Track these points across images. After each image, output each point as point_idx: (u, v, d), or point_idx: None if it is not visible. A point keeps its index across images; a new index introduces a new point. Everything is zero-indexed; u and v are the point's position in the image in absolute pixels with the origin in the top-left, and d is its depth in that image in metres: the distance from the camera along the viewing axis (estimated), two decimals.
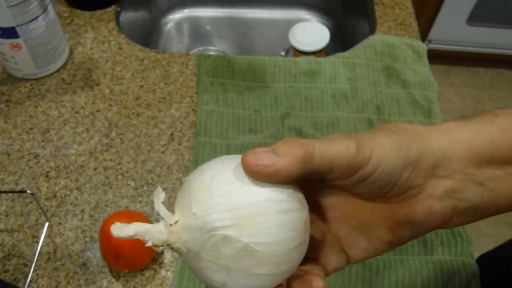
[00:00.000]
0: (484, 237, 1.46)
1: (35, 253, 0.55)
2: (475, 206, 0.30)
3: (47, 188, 0.61)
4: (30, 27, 0.64)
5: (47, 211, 0.59)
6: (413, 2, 0.84)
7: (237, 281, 0.27)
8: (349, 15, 0.95)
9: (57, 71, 0.72)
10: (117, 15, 0.82)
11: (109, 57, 0.74)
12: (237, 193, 0.26)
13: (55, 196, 0.60)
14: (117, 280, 0.54)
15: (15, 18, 0.62)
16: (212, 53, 0.91)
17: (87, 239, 0.57)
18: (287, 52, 0.96)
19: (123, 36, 0.77)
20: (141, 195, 0.60)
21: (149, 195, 0.60)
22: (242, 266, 0.26)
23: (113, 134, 0.66)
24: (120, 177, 0.62)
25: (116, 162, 0.63)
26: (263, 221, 0.26)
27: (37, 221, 0.58)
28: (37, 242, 0.56)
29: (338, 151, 0.27)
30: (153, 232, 0.27)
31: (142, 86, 0.71)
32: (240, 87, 0.70)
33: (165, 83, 0.71)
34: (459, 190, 0.29)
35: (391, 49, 0.76)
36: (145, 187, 0.61)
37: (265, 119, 0.68)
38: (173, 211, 0.28)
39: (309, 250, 0.30)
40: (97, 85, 0.71)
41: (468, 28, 1.66)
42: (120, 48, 0.75)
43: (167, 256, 0.56)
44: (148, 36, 0.94)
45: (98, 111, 0.68)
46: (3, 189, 0.60)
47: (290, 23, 0.99)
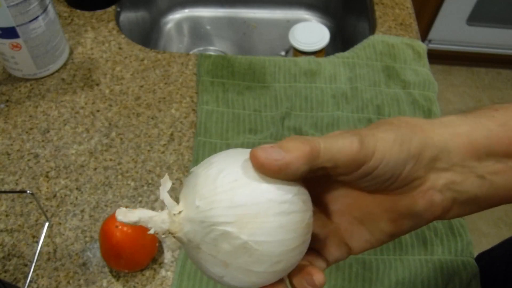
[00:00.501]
0: (484, 237, 1.46)
1: (35, 253, 0.55)
2: (474, 197, 0.30)
3: (47, 188, 0.61)
4: (30, 27, 0.64)
5: (47, 211, 0.59)
6: (413, 2, 0.84)
7: (233, 276, 0.27)
8: (349, 15, 0.95)
9: (57, 71, 0.72)
10: (117, 15, 0.82)
11: (109, 57, 0.74)
12: (241, 191, 0.27)
13: (55, 196, 0.60)
14: (117, 280, 0.54)
15: (15, 18, 0.62)
16: (212, 53, 0.91)
17: (87, 239, 0.57)
18: (287, 52, 0.96)
19: (123, 36, 0.77)
20: (141, 195, 0.60)
21: (149, 195, 0.60)
22: (239, 262, 0.27)
23: (113, 134, 0.66)
24: (120, 177, 0.62)
25: (116, 162, 0.63)
26: (264, 221, 0.26)
27: (37, 221, 0.58)
28: (37, 242, 0.56)
29: (342, 146, 0.27)
30: (156, 220, 0.28)
31: (142, 86, 0.71)
32: (240, 87, 0.70)
33: (165, 83, 0.71)
34: (459, 182, 0.30)
35: (391, 49, 0.76)
36: (145, 187, 0.61)
37: (265, 119, 0.68)
38: (178, 200, 0.29)
39: (312, 241, 0.30)
40: (97, 85, 0.71)
41: (468, 28, 1.66)
42: (120, 48, 0.75)
43: (167, 256, 0.56)
44: (148, 36, 0.94)
45: (98, 111, 0.68)
46: (3, 189, 0.60)
47: (290, 23, 0.99)
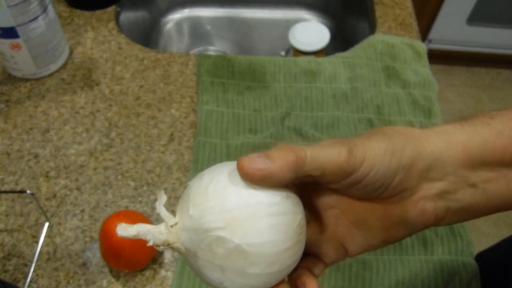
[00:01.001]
0: (484, 237, 1.46)
1: (35, 253, 0.55)
2: (468, 206, 0.30)
3: (47, 188, 0.61)
4: (30, 27, 0.64)
5: (47, 211, 0.59)
6: (413, 2, 0.84)
7: (232, 280, 0.28)
8: (349, 15, 0.95)
9: (57, 71, 0.72)
10: (117, 15, 0.82)
11: (109, 57, 0.74)
12: (230, 196, 0.28)
13: (55, 196, 0.60)
14: (117, 280, 0.54)
15: (15, 18, 0.62)
16: (212, 53, 0.91)
17: (87, 239, 0.57)
18: (287, 52, 0.96)
19: (123, 36, 0.77)
20: (141, 195, 0.60)
21: (149, 195, 0.60)
22: (235, 265, 0.28)
23: (113, 134, 0.66)
24: (120, 177, 0.62)
25: (116, 162, 0.63)
26: (254, 223, 0.27)
27: (37, 221, 0.58)
28: (37, 242, 0.56)
29: (329, 156, 0.28)
30: (154, 232, 0.29)
31: (142, 86, 0.71)
32: (240, 87, 0.70)
33: (165, 83, 0.71)
34: (452, 191, 0.30)
35: (391, 49, 0.76)
36: (145, 187, 0.61)
37: (265, 119, 0.68)
38: (175, 213, 0.30)
39: (309, 246, 0.31)
40: (97, 85, 0.71)
41: (468, 28, 1.66)
42: (120, 48, 0.75)
43: (167, 256, 0.56)
44: (148, 36, 0.94)
45: (98, 111, 0.68)
46: (3, 189, 0.60)
47: (290, 23, 0.98)
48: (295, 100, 0.70)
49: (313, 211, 0.33)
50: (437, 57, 1.71)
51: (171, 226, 0.29)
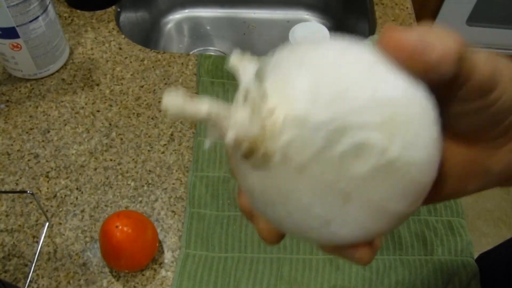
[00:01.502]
0: (484, 237, 1.46)
1: (35, 253, 0.56)
2: None
3: (47, 188, 0.61)
4: (30, 27, 0.64)
5: (47, 211, 0.59)
6: (413, 2, 0.84)
7: (351, 219, 0.18)
8: (349, 15, 0.95)
9: (57, 71, 0.72)
10: (117, 16, 0.82)
11: (109, 57, 0.74)
12: (386, 80, 0.17)
13: (55, 196, 0.60)
14: (117, 280, 0.54)
15: (15, 18, 0.62)
16: (212, 53, 0.91)
17: (87, 239, 0.57)
18: None
19: (123, 36, 0.77)
20: (141, 195, 0.60)
21: (149, 195, 0.61)
22: (374, 194, 0.18)
23: (113, 134, 0.66)
24: (120, 177, 0.62)
25: (116, 162, 0.63)
26: (420, 129, 0.18)
27: (37, 221, 0.58)
28: (37, 242, 0.56)
29: (479, 58, 0.21)
30: (236, 118, 0.17)
31: (142, 86, 0.71)
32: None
33: (165, 83, 0.71)
34: None
35: None
36: (145, 187, 0.61)
37: None
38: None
39: None
40: (97, 85, 0.71)
41: (468, 28, 1.66)
42: (120, 48, 0.75)
43: (167, 256, 0.56)
44: (148, 36, 0.95)
45: (98, 111, 0.68)
46: (3, 189, 0.60)
47: (290, 23, 0.99)
48: None
49: None
50: None
51: (267, 110, 0.17)
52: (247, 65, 0.19)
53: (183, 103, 0.17)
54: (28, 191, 0.57)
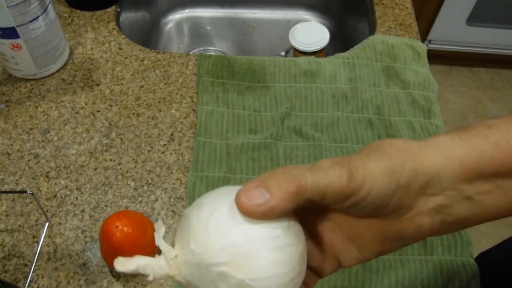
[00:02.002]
0: (484, 237, 1.46)
1: (35, 253, 0.56)
2: (463, 218, 0.31)
3: (47, 188, 0.61)
4: (30, 27, 0.64)
5: (47, 211, 0.59)
6: (413, 2, 0.84)
7: None
8: (349, 15, 0.95)
9: (57, 71, 0.72)
10: (117, 16, 0.82)
11: (109, 58, 0.74)
12: (233, 231, 0.27)
13: (55, 196, 0.60)
14: (117, 280, 0.54)
15: (15, 18, 0.62)
16: (212, 54, 0.91)
17: (87, 239, 0.57)
18: (287, 52, 0.96)
19: (123, 36, 0.77)
20: (141, 195, 0.60)
21: (149, 195, 0.61)
22: None
23: (113, 134, 0.66)
24: (120, 177, 0.62)
25: (116, 162, 0.63)
26: (258, 258, 0.27)
27: (37, 221, 0.58)
28: (37, 242, 0.56)
29: (331, 181, 0.27)
30: (154, 266, 0.29)
31: (142, 86, 0.71)
32: (240, 87, 0.70)
33: (165, 83, 0.71)
34: (448, 205, 0.30)
35: (391, 50, 0.76)
36: (145, 187, 0.61)
37: (265, 119, 0.68)
38: (173, 244, 0.30)
39: (307, 260, 0.31)
40: (97, 85, 0.71)
41: (468, 28, 1.66)
42: (120, 48, 0.75)
43: None
44: (148, 36, 0.95)
45: (98, 111, 0.68)
46: (3, 189, 0.60)
47: (290, 23, 0.99)
48: (295, 100, 0.70)
49: (308, 224, 0.33)
50: (436, 58, 1.72)
51: (171, 259, 0.29)
52: (159, 230, 0.29)
53: (124, 262, 0.29)
54: (28, 191, 0.57)
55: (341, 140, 0.66)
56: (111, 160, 0.63)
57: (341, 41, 0.96)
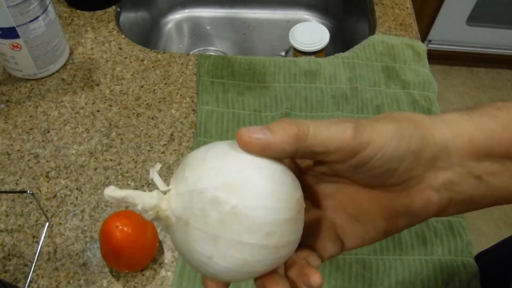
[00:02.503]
0: (484, 237, 1.46)
1: (35, 253, 0.56)
2: (470, 198, 0.30)
3: (47, 188, 0.61)
4: (30, 27, 0.64)
5: (47, 211, 0.59)
6: (413, 2, 0.84)
7: (224, 253, 0.26)
8: (349, 15, 0.95)
9: (57, 71, 0.72)
10: (117, 16, 0.82)
11: (109, 58, 0.74)
12: (230, 161, 0.27)
13: (55, 196, 0.60)
14: (117, 280, 0.54)
15: (15, 18, 0.62)
16: (212, 54, 0.91)
17: (87, 239, 0.57)
18: (287, 52, 0.96)
19: (123, 36, 0.77)
20: None
21: None
22: (229, 233, 0.25)
23: (113, 134, 0.66)
24: (120, 177, 0.62)
25: (116, 162, 0.63)
26: (254, 185, 0.26)
27: (37, 221, 0.58)
28: (37, 242, 0.56)
29: (334, 132, 0.27)
30: (144, 196, 0.27)
31: (142, 86, 0.71)
32: (240, 87, 0.70)
33: (165, 83, 0.71)
34: (457, 182, 0.29)
35: (391, 50, 0.76)
36: (145, 187, 0.61)
37: (265, 119, 0.68)
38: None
39: (306, 237, 0.30)
40: (97, 85, 0.71)
41: (468, 28, 1.66)
42: (120, 48, 0.75)
43: (167, 256, 0.56)
44: (148, 36, 0.95)
45: (98, 111, 0.68)
46: (3, 189, 0.60)
47: (290, 23, 0.99)
48: (295, 100, 0.70)
49: (312, 200, 0.32)
50: (436, 58, 1.71)
51: (164, 193, 0.27)
52: (155, 166, 0.28)
53: (114, 189, 0.27)
54: (28, 191, 0.57)
55: None
56: (111, 160, 0.63)
57: (341, 41, 0.96)
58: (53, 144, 0.64)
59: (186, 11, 1.01)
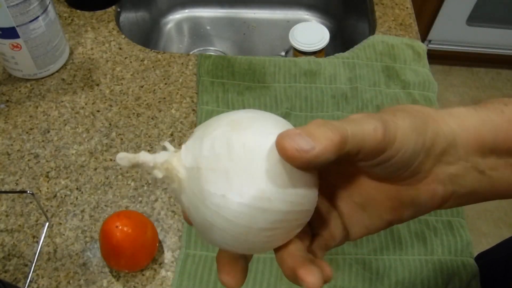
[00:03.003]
0: (484, 237, 1.46)
1: (35, 253, 0.56)
2: (472, 191, 0.30)
3: (47, 188, 0.61)
4: (30, 27, 0.64)
5: (47, 211, 0.59)
6: (413, 2, 0.84)
7: (238, 189, 0.25)
8: (349, 15, 0.95)
9: (57, 71, 0.72)
10: (117, 16, 0.82)
11: (109, 58, 0.74)
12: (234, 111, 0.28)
13: (55, 196, 0.60)
14: (117, 280, 0.54)
15: (15, 18, 0.62)
16: (212, 54, 0.91)
17: (87, 239, 0.57)
18: (287, 52, 0.96)
19: (123, 36, 0.77)
20: (141, 195, 0.60)
21: (149, 195, 0.61)
22: (240, 166, 0.25)
23: (113, 134, 0.66)
24: (120, 177, 0.62)
25: (116, 162, 0.63)
26: (263, 119, 0.27)
27: (37, 221, 0.58)
28: (37, 242, 0.56)
29: (367, 133, 0.26)
30: (155, 155, 0.27)
31: (142, 86, 0.71)
32: (240, 87, 0.70)
33: (165, 83, 0.71)
34: (461, 176, 0.30)
35: (391, 50, 0.76)
36: (145, 187, 0.61)
37: None
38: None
39: (316, 225, 0.31)
40: (97, 85, 0.71)
41: (468, 28, 1.66)
42: (120, 48, 0.75)
43: (167, 256, 0.56)
44: (148, 36, 0.95)
45: (98, 111, 0.68)
46: (3, 189, 0.60)
47: (290, 23, 0.99)
48: (295, 100, 0.70)
49: (321, 188, 0.31)
50: (436, 58, 1.71)
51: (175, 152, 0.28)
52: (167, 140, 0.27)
53: (125, 155, 0.27)
54: (28, 191, 0.57)
55: None
56: (111, 160, 0.63)
57: (341, 41, 0.96)
58: (53, 144, 0.64)
59: (186, 11, 1.01)
